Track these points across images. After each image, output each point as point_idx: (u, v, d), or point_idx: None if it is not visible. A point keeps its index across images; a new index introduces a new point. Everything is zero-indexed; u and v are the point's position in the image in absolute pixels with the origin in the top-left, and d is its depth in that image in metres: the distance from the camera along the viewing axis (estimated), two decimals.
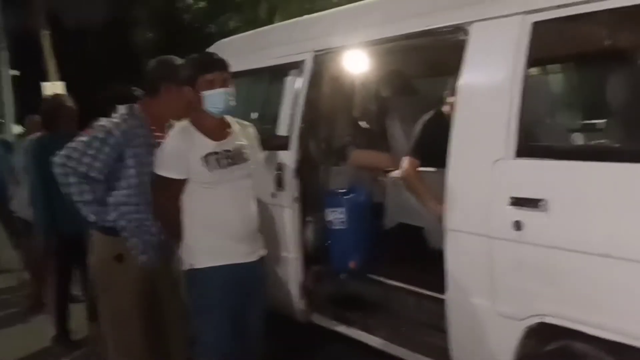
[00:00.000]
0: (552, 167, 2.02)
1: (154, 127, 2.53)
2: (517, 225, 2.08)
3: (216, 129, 2.46)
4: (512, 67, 2.15)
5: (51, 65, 15.23)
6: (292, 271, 3.09)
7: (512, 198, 2.09)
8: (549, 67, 2.83)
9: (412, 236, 3.13)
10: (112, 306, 2.51)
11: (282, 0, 14.40)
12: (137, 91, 3.00)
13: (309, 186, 3.35)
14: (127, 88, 3.19)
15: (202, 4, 14.50)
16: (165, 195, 2.43)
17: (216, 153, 2.41)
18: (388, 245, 3.25)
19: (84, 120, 4.33)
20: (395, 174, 3.15)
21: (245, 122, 2.66)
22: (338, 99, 3.76)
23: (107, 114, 2.56)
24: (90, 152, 2.36)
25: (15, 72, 15.77)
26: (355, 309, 3.09)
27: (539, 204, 2.01)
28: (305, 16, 3.52)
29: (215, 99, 2.38)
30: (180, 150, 2.37)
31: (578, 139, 2.29)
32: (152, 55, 4.47)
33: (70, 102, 3.82)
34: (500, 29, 2.23)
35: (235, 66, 3.61)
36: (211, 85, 2.37)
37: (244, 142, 2.56)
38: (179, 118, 2.70)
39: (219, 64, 2.44)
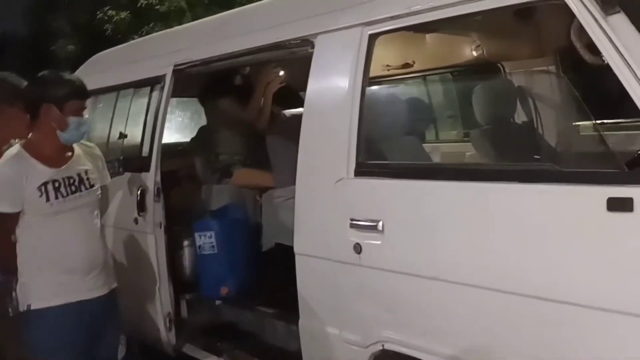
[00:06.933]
0: (386, 186, 1.93)
1: None
2: (357, 248, 1.97)
3: (55, 154, 2.25)
4: (351, 81, 2.05)
5: None
6: (157, 302, 2.89)
7: (352, 220, 1.99)
8: (388, 81, 2.79)
9: (288, 257, 3.00)
10: None
11: (206, 11, 14.20)
12: None
13: (179, 209, 3.18)
14: None
15: (124, 15, 14.12)
16: None
17: (55, 181, 2.20)
18: (264, 268, 3.11)
19: None
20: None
21: (90, 143, 2.46)
22: (211, 115, 3.62)
23: None
24: None
25: None
26: (227, 338, 2.92)
27: (375, 225, 1.91)
28: (167, 30, 3.36)
29: (80, 126, 2.24)
30: (10, 180, 2.14)
31: (412, 157, 2.22)
32: (73, 67, 4.23)
33: None
34: (341, 42, 2.13)
35: (107, 81, 3.44)
36: (78, 112, 2.22)
37: (88, 166, 2.36)
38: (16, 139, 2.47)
39: (88, 93, 2.31)
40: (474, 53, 2.80)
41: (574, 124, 2.07)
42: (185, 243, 3.22)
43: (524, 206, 1.62)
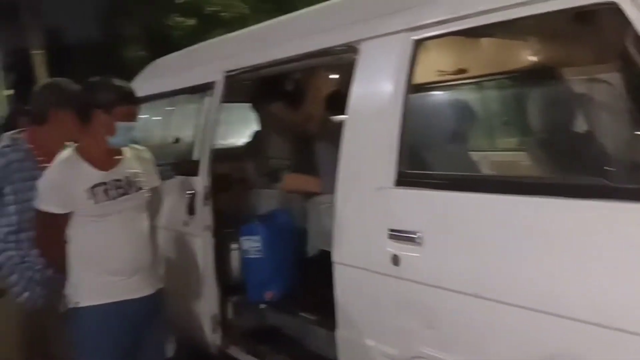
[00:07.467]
0: (426, 197, 1.87)
1: (42, 158, 2.39)
2: (395, 260, 1.93)
3: (104, 157, 2.32)
4: (394, 88, 2.01)
5: None
6: (204, 303, 2.95)
7: (390, 230, 1.95)
8: (432, 88, 2.69)
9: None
10: None
11: (269, 17, 14.43)
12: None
13: (230, 212, 3.22)
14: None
15: (191, 22, 14.59)
16: (48, 230, 2.29)
17: (104, 183, 2.26)
18: (308, 273, 3.10)
19: None
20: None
21: (140, 147, 2.53)
22: (263, 120, 3.65)
23: None
24: None
25: (10, 92, 15.94)
26: (269, 342, 2.93)
27: (414, 237, 1.86)
28: (219, 37, 3.43)
29: (128, 131, 2.30)
30: (61, 182, 2.23)
31: (456, 167, 2.14)
32: None
33: None
34: (385, 48, 2.10)
35: (164, 86, 3.56)
36: (126, 118, 2.27)
37: (137, 169, 2.43)
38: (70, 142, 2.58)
39: (137, 98, 2.36)
40: (524, 59, 2.66)
41: (632, 136, 1.92)
42: (234, 246, 3.23)
43: (574, 223, 1.52)
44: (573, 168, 1.79)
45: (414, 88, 2.01)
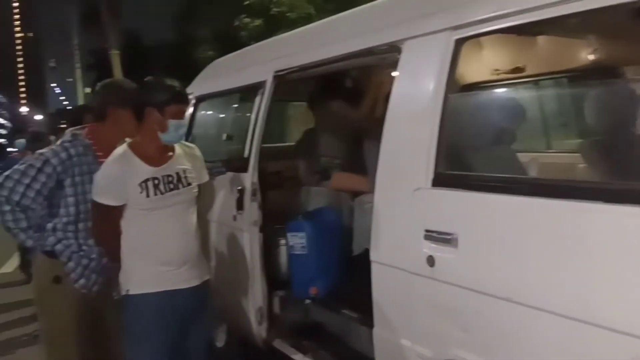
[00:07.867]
0: (462, 198, 1.84)
1: (101, 153, 2.54)
2: (430, 261, 1.91)
3: (156, 153, 2.43)
4: (435, 88, 2.00)
5: None
6: (250, 296, 3.03)
7: (426, 231, 1.93)
8: (472, 88, 2.61)
9: None
10: (50, 329, 2.53)
11: None
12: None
13: (281, 209, 3.29)
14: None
15: (257, 22, 14.91)
16: (104, 221, 2.43)
17: (155, 179, 2.38)
18: (354, 272, 3.11)
19: None
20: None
21: (190, 144, 2.63)
22: (320, 118, 3.69)
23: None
24: (25, 181, 2.37)
25: (89, 90, 16.93)
26: (314, 337, 2.97)
27: (449, 238, 1.84)
28: (269, 38, 3.50)
29: (179, 128, 2.41)
30: (115, 177, 2.35)
31: (497, 169, 2.08)
32: None
33: None
34: (427, 48, 2.08)
35: (220, 85, 3.68)
36: (177, 116, 2.39)
37: (187, 165, 2.53)
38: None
39: (187, 98, 2.48)
40: (567, 58, 2.53)
41: None
42: (282, 242, 3.30)
43: (617, 230, 1.45)
44: (620, 172, 1.70)
45: (454, 88, 1.98)
